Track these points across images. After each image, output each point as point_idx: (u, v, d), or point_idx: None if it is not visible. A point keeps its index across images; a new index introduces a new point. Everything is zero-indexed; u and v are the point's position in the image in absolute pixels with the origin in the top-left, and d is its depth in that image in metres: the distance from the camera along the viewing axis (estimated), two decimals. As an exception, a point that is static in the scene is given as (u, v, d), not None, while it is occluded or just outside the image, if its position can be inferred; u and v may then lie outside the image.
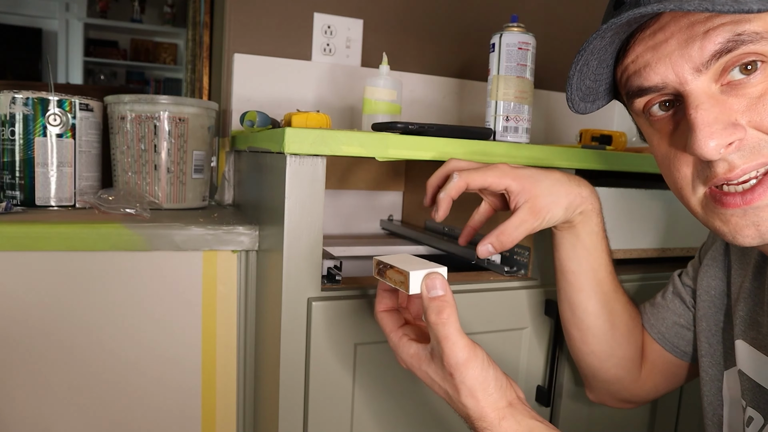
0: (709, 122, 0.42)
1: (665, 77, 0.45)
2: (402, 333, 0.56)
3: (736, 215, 0.45)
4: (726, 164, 0.44)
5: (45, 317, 0.76)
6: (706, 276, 0.66)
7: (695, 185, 0.48)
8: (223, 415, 0.87)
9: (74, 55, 3.79)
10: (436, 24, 1.28)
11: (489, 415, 0.50)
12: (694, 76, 0.43)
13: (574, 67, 0.49)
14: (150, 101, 0.91)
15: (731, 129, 0.42)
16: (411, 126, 0.72)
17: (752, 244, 0.45)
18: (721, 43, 0.42)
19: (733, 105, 0.43)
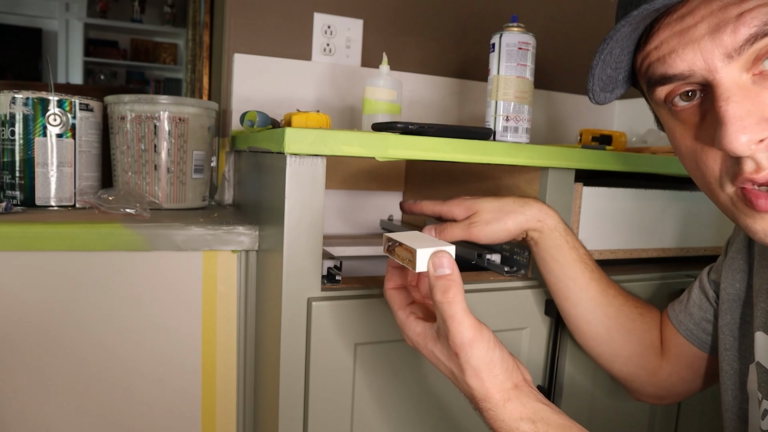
0: (740, 116, 0.40)
1: (692, 64, 0.42)
2: (409, 311, 0.56)
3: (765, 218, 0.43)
4: (753, 163, 0.42)
5: (45, 317, 0.76)
6: (731, 269, 0.64)
7: (723, 182, 0.45)
8: (223, 415, 0.87)
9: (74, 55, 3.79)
10: (436, 24, 1.28)
11: (494, 396, 0.49)
12: (725, 63, 0.41)
13: (599, 56, 0.46)
14: (150, 101, 0.91)
15: (764, 124, 0.40)
16: (411, 126, 0.72)
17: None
18: (757, 26, 0.39)
19: (766, 98, 0.40)
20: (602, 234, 0.87)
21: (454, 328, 0.48)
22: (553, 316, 0.80)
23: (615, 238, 0.88)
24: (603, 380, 0.88)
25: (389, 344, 0.73)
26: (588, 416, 0.87)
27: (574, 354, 0.84)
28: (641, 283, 0.88)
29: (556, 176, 0.80)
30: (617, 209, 0.87)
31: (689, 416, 0.97)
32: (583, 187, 0.84)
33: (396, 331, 0.73)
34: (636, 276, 0.90)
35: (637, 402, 0.77)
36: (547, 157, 0.77)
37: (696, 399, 0.97)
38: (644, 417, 0.93)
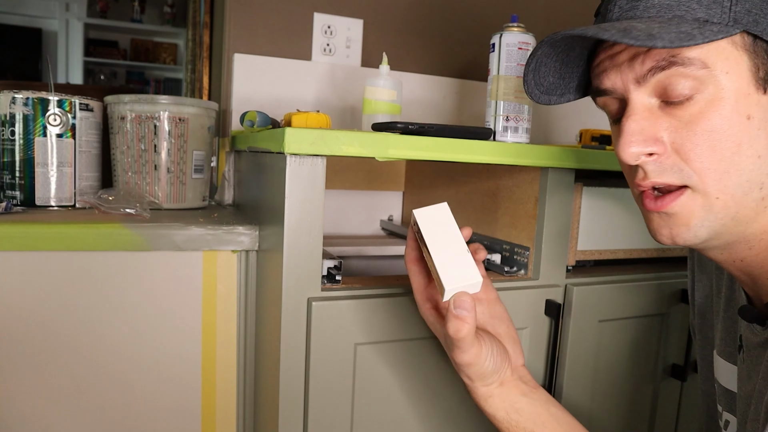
0: (633, 131, 0.48)
1: (615, 84, 0.50)
2: (426, 297, 0.62)
3: (655, 216, 0.51)
4: (642, 173, 0.50)
5: (45, 317, 0.76)
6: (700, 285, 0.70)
7: (631, 184, 0.53)
8: (224, 415, 0.87)
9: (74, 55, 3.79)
10: (436, 24, 1.28)
11: (479, 394, 0.60)
12: (635, 87, 0.49)
13: (527, 69, 0.56)
14: (150, 101, 0.91)
15: (651, 142, 0.48)
16: (411, 126, 0.72)
17: (667, 243, 0.51)
18: (656, 61, 0.47)
19: (663, 122, 0.48)
20: (602, 234, 0.87)
21: (457, 355, 0.56)
22: (553, 316, 0.81)
23: (615, 238, 0.88)
24: (603, 380, 0.88)
25: (389, 344, 0.73)
26: (588, 416, 0.87)
27: (574, 354, 0.84)
28: (641, 283, 0.88)
29: (556, 176, 0.80)
30: (617, 209, 0.87)
31: (689, 416, 0.97)
32: (583, 187, 0.84)
33: (396, 331, 0.73)
34: (636, 276, 0.90)
35: (638, 401, 0.78)
36: (547, 157, 0.77)
37: (696, 401, 0.97)
38: (644, 417, 0.93)
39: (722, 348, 0.62)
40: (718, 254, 0.53)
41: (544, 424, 0.58)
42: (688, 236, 0.50)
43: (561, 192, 0.81)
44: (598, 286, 0.85)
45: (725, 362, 0.62)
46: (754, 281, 0.54)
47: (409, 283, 0.75)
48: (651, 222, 0.52)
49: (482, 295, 0.63)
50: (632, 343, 0.90)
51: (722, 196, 0.47)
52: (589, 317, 0.84)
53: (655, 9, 0.47)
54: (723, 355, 0.62)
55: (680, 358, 0.93)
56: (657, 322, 0.91)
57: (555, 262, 0.82)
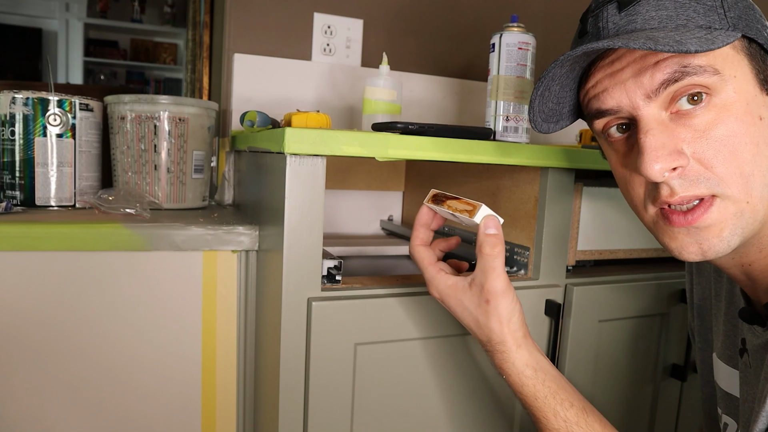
0: (656, 147, 0.46)
1: (620, 102, 0.49)
2: (439, 267, 0.63)
3: (682, 233, 0.49)
4: (668, 189, 0.48)
5: (45, 317, 0.76)
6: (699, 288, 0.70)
7: (646, 204, 0.51)
8: (224, 415, 0.87)
9: (74, 55, 3.79)
10: (436, 24, 1.28)
11: (509, 341, 0.58)
12: (645, 102, 0.48)
13: (535, 93, 0.54)
14: (150, 101, 0.91)
15: (675, 155, 0.46)
16: (411, 126, 0.72)
17: (696, 260, 0.49)
18: (668, 73, 0.46)
19: (680, 134, 0.47)
20: (602, 234, 0.87)
21: (493, 279, 0.57)
22: (554, 316, 0.80)
23: (615, 238, 0.88)
24: (603, 380, 0.88)
25: (389, 344, 0.73)
26: (588, 416, 0.87)
27: (574, 354, 0.84)
28: (641, 283, 0.88)
29: (556, 176, 0.80)
30: (617, 209, 0.87)
31: (689, 416, 0.97)
32: (583, 187, 0.84)
33: (396, 331, 0.73)
34: (636, 276, 0.90)
35: (638, 401, 0.77)
36: (547, 157, 0.77)
37: (696, 401, 0.97)
38: (644, 417, 0.93)
39: (722, 351, 0.62)
40: (728, 259, 0.53)
41: (564, 387, 0.58)
42: (721, 247, 0.48)
43: (561, 192, 0.81)
44: (598, 286, 0.85)
45: (725, 366, 0.62)
46: (753, 283, 0.54)
47: (409, 282, 0.75)
48: (674, 240, 0.50)
49: None
50: (632, 343, 0.90)
51: (751, 199, 0.47)
52: (589, 317, 0.84)
53: (655, 21, 0.46)
54: (723, 359, 0.62)
55: (680, 358, 0.93)
56: (657, 322, 0.91)
57: (555, 262, 0.82)
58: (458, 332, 0.76)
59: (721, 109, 0.46)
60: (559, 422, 0.56)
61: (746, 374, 0.57)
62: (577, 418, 0.56)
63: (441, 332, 0.75)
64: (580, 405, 0.57)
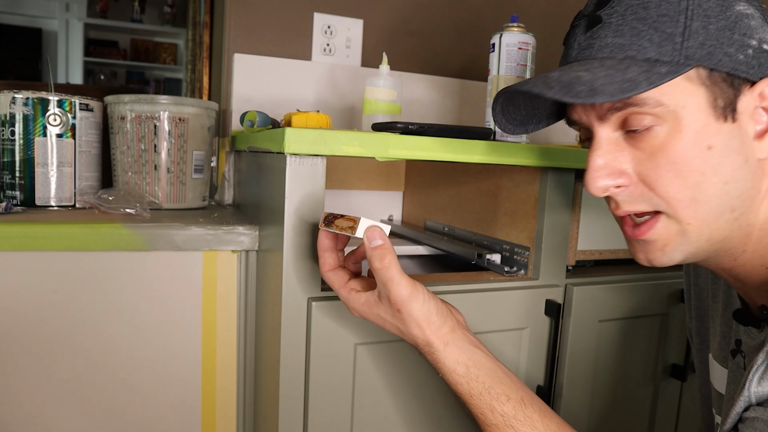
0: (597, 167, 0.50)
1: (581, 117, 0.53)
2: (350, 287, 0.61)
3: (632, 241, 0.54)
4: (615, 202, 0.52)
5: (45, 317, 0.76)
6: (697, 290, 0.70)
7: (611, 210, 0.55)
8: (224, 415, 0.87)
9: (74, 55, 3.79)
10: (436, 24, 1.28)
11: (434, 342, 0.57)
12: (598, 123, 0.51)
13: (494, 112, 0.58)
14: (150, 101, 0.91)
15: (616, 175, 0.50)
16: (411, 126, 0.72)
17: (645, 265, 0.53)
18: (612, 103, 0.49)
19: (627, 154, 0.50)
20: (602, 234, 0.87)
21: (394, 289, 0.56)
22: (553, 316, 0.81)
23: (615, 238, 0.88)
24: (603, 380, 0.88)
25: (389, 344, 0.73)
26: (588, 416, 0.87)
27: (574, 354, 0.84)
28: (641, 283, 0.88)
29: (556, 176, 0.80)
30: (617, 209, 0.87)
31: (689, 416, 0.97)
32: (583, 187, 0.84)
33: (396, 331, 0.73)
34: (636, 276, 0.90)
35: (638, 401, 0.77)
36: (547, 157, 0.77)
37: (696, 401, 0.97)
38: (644, 417, 0.93)
39: (718, 352, 0.63)
40: (705, 264, 0.55)
41: (501, 379, 0.57)
42: (664, 260, 0.51)
43: (561, 192, 0.81)
44: (598, 286, 0.85)
45: (719, 366, 0.62)
46: (745, 285, 0.54)
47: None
48: (630, 245, 0.55)
49: None
50: (632, 343, 0.90)
51: (694, 221, 0.49)
52: (589, 317, 0.84)
53: (608, 49, 0.48)
54: (718, 359, 0.62)
55: (680, 358, 0.93)
56: (657, 322, 0.91)
57: (555, 262, 0.82)
58: (458, 332, 0.76)
59: (667, 135, 0.47)
60: (496, 418, 0.55)
61: (737, 374, 0.57)
62: (514, 411, 0.55)
63: (441, 332, 0.75)
64: (517, 397, 0.56)
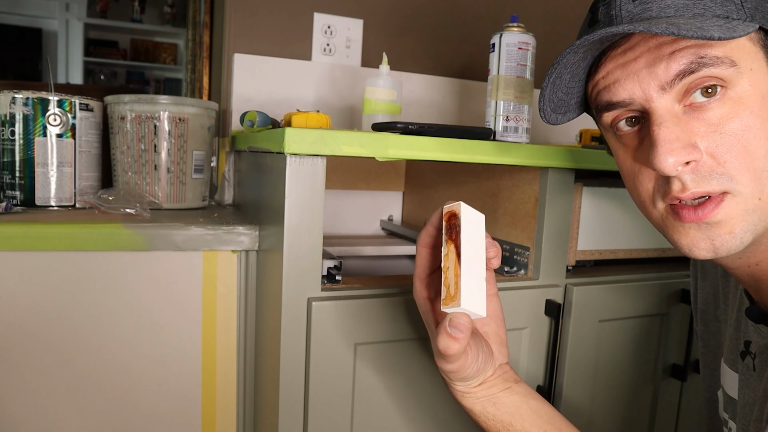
0: (670, 139, 0.45)
1: (633, 93, 0.47)
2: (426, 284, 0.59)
3: (693, 229, 0.47)
4: (680, 183, 0.46)
5: (45, 317, 0.76)
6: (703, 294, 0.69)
7: (655, 199, 0.49)
8: (223, 415, 0.87)
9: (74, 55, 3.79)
10: (436, 24, 1.28)
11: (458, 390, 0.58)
12: (659, 94, 0.46)
13: (548, 80, 0.51)
14: (150, 101, 0.91)
15: (689, 149, 0.45)
16: (411, 126, 0.72)
17: (707, 257, 0.48)
18: (684, 64, 0.44)
19: (693, 127, 0.45)
20: (602, 234, 0.87)
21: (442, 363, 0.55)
22: (553, 316, 0.80)
23: (615, 238, 0.88)
24: (603, 380, 0.88)
25: (389, 344, 0.73)
26: (588, 416, 0.87)
27: (574, 354, 0.84)
28: (641, 283, 0.88)
29: (556, 176, 0.80)
30: (617, 209, 0.87)
31: (689, 416, 0.97)
32: (583, 187, 0.84)
33: (396, 331, 0.73)
34: (636, 276, 0.90)
35: (638, 401, 0.77)
36: (547, 157, 0.77)
37: (696, 401, 0.97)
38: (644, 417, 0.93)
39: (728, 356, 0.61)
40: (735, 259, 0.51)
41: (522, 416, 0.56)
42: (734, 244, 0.46)
43: (561, 192, 0.81)
44: (598, 286, 0.85)
45: (729, 370, 0.61)
46: (758, 283, 0.53)
47: (409, 282, 0.75)
48: (685, 236, 0.48)
49: None
50: (632, 343, 0.90)
51: (763, 196, 0.45)
52: (589, 317, 0.84)
53: (672, 9, 0.45)
54: (728, 363, 0.61)
55: (680, 358, 0.93)
56: (657, 322, 0.91)
57: (555, 262, 0.82)
58: (458, 332, 0.76)
59: (736, 102, 0.45)
60: None
61: (747, 377, 0.56)
62: None
63: (441, 332, 0.75)
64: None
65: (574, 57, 0.49)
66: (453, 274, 0.52)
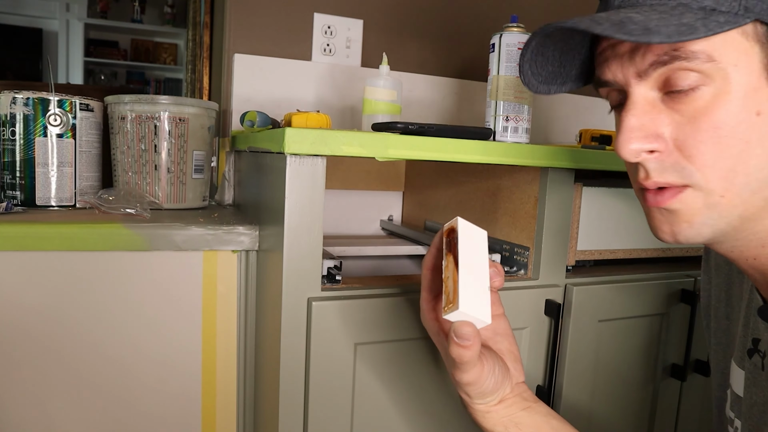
0: (632, 127, 0.45)
1: (615, 76, 0.48)
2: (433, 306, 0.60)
3: (656, 212, 0.48)
4: (644, 171, 0.47)
5: (45, 317, 0.76)
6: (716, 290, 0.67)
7: (633, 179, 0.50)
8: (223, 415, 0.87)
9: (74, 55, 3.79)
10: (436, 24, 1.28)
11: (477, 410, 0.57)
12: (636, 81, 0.46)
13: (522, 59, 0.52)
14: (150, 101, 0.91)
15: (651, 139, 0.45)
16: (411, 126, 0.72)
17: (668, 241, 0.48)
18: (658, 55, 0.44)
19: (665, 117, 0.45)
20: (602, 234, 0.87)
21: (458, 374, 0.54)
22: (553, 316, 0.81)
23: (615, 238, 0.88)
24: (603, 380, 0.88)
25: (389, 344, 0.73)
26: (588, 416, 0.87)
27: (574, 354, 0.84)
28: (641, 283, 0.88)
29: (556, 176, 0.80)
30: (617, 209, 0.87)
31: (689, 416, 0.97)
32: (583, 187, 0.84)
33: (396, 331, 0.73)
34: (636, 276, 0.90)
35: (638, 401, 0.77)
36: (547, 157, 0.77)
37: (696, 401, 0.97)
38: (644, 417, 0.93)
39: (736, 353, 0.60)
40: (728, 251, 0.51)
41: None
42: (690, 234, 0.47)
43: (561, 192, 0.81)
44: (598, 286, 0.85)
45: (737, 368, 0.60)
46: (764, 277, 0.51)
47: (409, 282, 0.75)
48: (653, 219, 0.49)
49: None
50: (632, 343, 0.90)
51: (727, 194, 0.45)
52: (589, 317, 0.84)
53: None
54: (736, 360, 0.60)
55: (680, 358, 0.93)
56: (657, 322, 0.91)
57: (555, 262, 0.82)
58: (458, 332, 0.76)
59: (713, 97, 0.43)
60: None
61: (755, 375, 0.55)
62: None
63: (441, 332, 0.75)
64: None
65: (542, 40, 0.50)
66: (452, 281, 0.53)
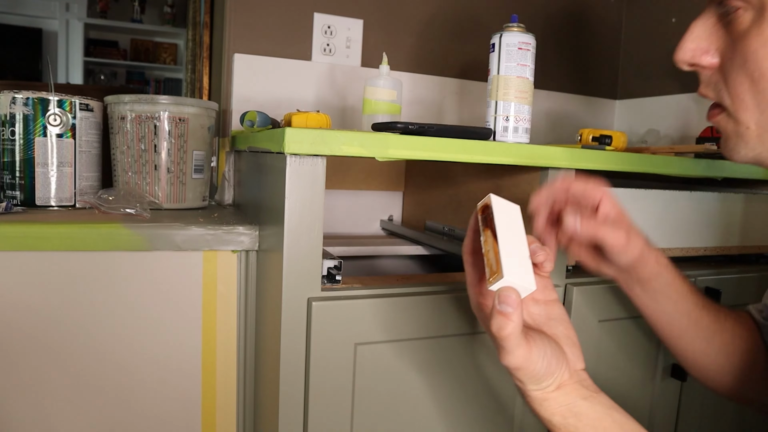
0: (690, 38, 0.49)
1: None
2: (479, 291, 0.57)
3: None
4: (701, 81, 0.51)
5: (45, 317, 0.76)
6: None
7: None
8: (223, 415, 0.87)
9: (74, 55, 3.79)
10: (436, 24, 1.28)
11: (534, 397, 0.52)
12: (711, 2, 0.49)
13: None
14: (150, 101, 0.91)
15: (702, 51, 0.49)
16: (411, 126, 0.72)
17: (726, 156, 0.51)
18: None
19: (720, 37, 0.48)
20: (602, 234, 0.87)
21: (503, 355, 0.50)
22: (553, 316, 0.80)
23: (615, 238, 0.88)
24: (603, 380, 0.87)
25: (389, 344, 0.73)
26: (588, 416, 0.87)
27: (574, 354, 0.84)
28: (641, 283, 0.88)
29: (556, 176, 0.80)
30: (617, 209, 0.87)
31: (689, 416, 0.97)
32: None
33: (396, 331, 0.73)
34: (636, 276, 0.90)
35: (638, 401, 0.77)
36: (547, 157, 0.77)
37: (696, 401, 0.97)
38: (644, 417, 0.93)
39: None
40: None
41: (606, 430, 0.52)
42: (731, 154, 0.50)
43: (561, 192, 0.81)
44: (598, 286, 0.85)
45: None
46: None
47: (409, 282, 0.75)
48: None
49: (540, 296, 0.58)
50: (632, 343, 0.90)
51: (753, 127, 0.46)
52: (589, 317, 0.84)
53: None
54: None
55: (680, 358, 0.93)
56: (657, 322, 0.91)
57: (555, 262, 0.82)
58: (458, 332, 0.76)
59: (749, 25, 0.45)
60: None
61: None
62: None
63: (441, 332, 0.75)
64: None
65: None
66: (493, 254, 0.51)
